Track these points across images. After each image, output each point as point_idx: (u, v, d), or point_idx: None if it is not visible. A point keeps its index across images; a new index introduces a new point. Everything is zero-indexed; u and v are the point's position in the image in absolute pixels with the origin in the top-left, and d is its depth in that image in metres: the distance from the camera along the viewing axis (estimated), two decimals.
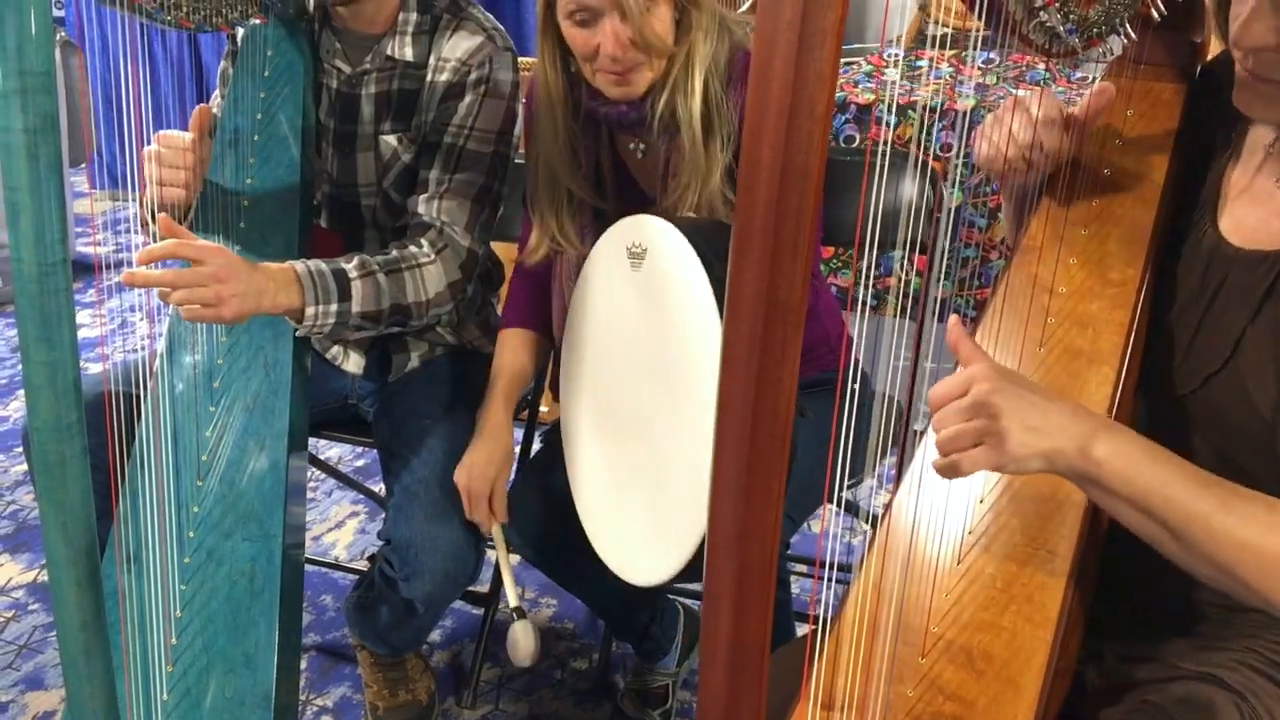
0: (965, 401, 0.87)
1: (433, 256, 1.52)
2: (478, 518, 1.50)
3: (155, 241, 1.28)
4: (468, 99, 1.54)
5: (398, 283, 1.49)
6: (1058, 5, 1.01)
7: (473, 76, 1.54)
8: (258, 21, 1.51)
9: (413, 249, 1.52)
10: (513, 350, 1.60)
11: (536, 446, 1.76)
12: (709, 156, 1.38)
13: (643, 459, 1.32)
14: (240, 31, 1.58)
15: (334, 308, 1.42)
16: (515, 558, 1.53)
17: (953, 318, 0.93)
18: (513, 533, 1.57)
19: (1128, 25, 1.08)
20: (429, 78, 1.55)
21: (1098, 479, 0.86)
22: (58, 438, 0.90)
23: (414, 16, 1.56)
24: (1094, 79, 1.24)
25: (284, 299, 1.38)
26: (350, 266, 1.45)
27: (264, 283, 1.35)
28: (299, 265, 1.41)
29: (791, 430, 0.62)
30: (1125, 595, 1.09)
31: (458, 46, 1.55)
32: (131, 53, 1.19)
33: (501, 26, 1.60)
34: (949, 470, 0.88)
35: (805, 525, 2.11)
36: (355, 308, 1.44)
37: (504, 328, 1.63)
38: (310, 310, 1.40)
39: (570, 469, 1.47)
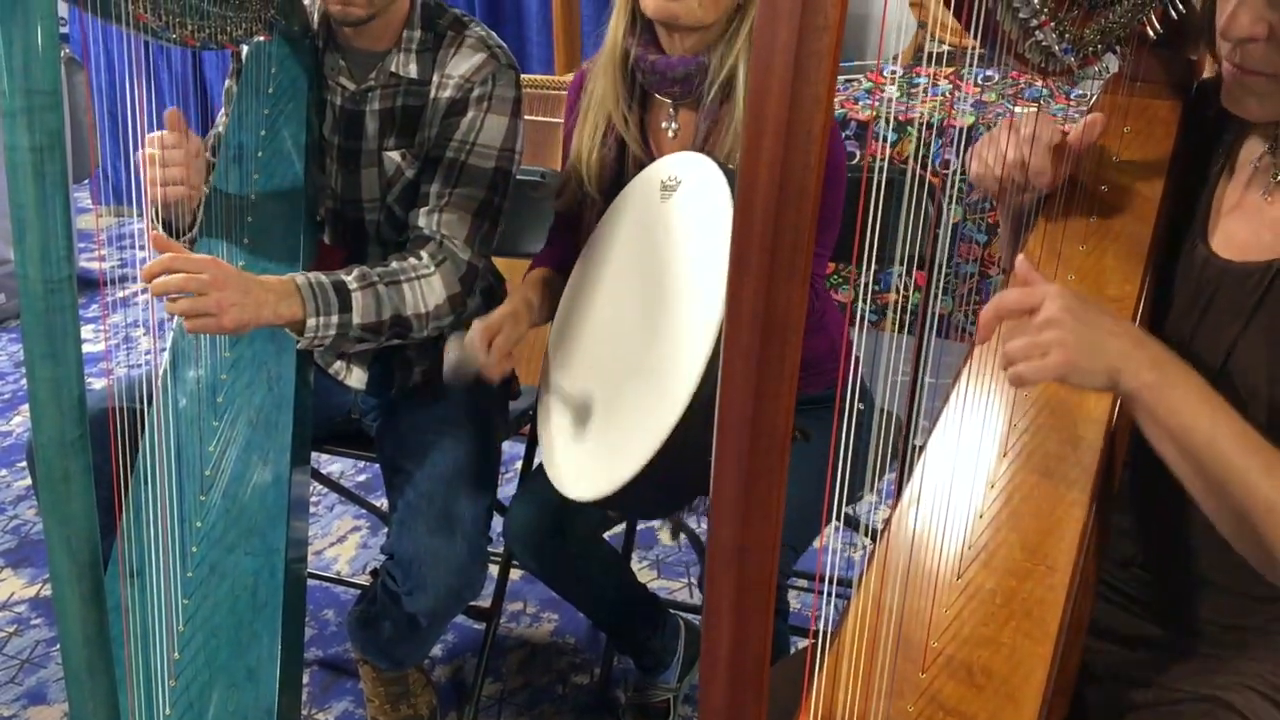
0: (1039, 317, 0.88)
1: (432, 268, 1.53)
2: (480, 354, 1.42)
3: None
4: (470, 115, 1.55)
5: (398, 294, 1.49)
6: (1053, 25, 1.02)
7: (475, 93, 1.55)
8: (262, 39, 1.52)
9: (412, 261, 1.52)
10: (537, 273, 1.60)
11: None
12: None
13: (609, 382, 1.33)
14: (245, 49, 1.60)
15: (335, 319, 1.43)
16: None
17: (1020, 258, 0.94)
18: (513, 542, 1.57)
19: (1123, 43, 1.09)
20: (432, 94, 1.56)
21: (1148, 405, 0.88)
22: (62, 453, 0.91)
23: (418, 33, 1.57)
24: (1092, 96, 1.25)
25: (285, 310, 1.38)
26: (350, 278, 1.46)
27: (264, 294, 1.36)
28: (299, 277, 1.42)
29: (790, 447, 0.62)
30: (1125, 612, 1.10)
31: (461, 64, 1.56)
32: (136, 70, 1.20)
33: (504, 44, 1.62)
34: (1017, 380, 0.90)
35: None
36: (356, 319, 1.45)
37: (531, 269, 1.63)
38: (312, 322, 1.41)
39: (544, 383, 1.48)
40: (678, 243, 1.28)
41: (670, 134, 1.52)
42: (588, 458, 1.32)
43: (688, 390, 1.13)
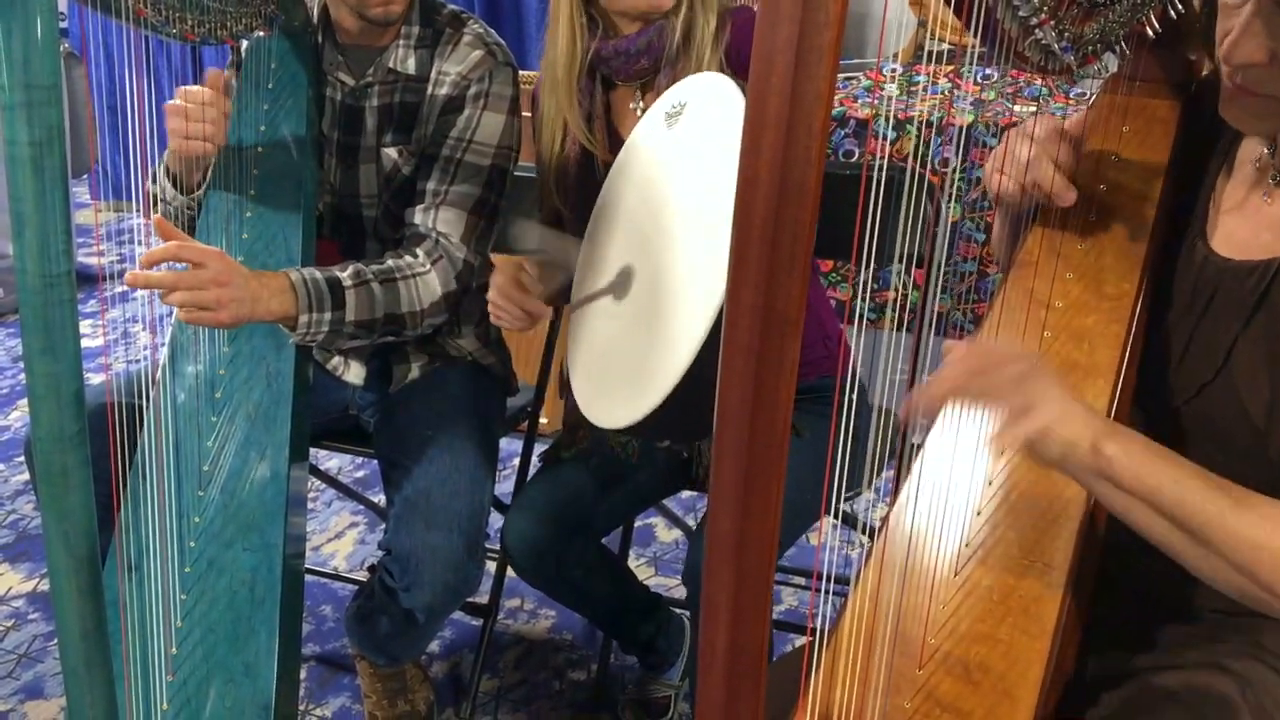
0: (1017, 369, 0.87)
1: (428, 267, 1.52)
2: (528, 306, 1.44)
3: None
4: (466, 112, 1.55)
5: (392, 292, 1.49)
6: (1053, 23, 1.02)
7: (472, 90, 1.55)
8: (262, 34, 1.52)
9: (408, 259, 1.52)
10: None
11: (534, 465, 1.76)
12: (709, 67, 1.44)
13: (633, 315, 1.31)
14: (244, 44, 1.60)
15: (327, 316, 1.43)
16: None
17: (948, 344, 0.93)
18: (512, 556, 1.57)
19: (1123, 43, 1.09)
20: (429, 91, 1.56)
21: (1110, 475, 0.86)
22: (60, 448, 0.91)
23: (416, 29, 1.57)
24: (1092, 95, 1.25)
25: (277, 306, 1.38)
26: (345, 275, 1.46)
27: (259, 289, 1.36)
28: (293, 273, 1.42)
29: (789, 442, 0.62)
30: (1124, 599, 1.10)
31: (458, 60, 1.56)
32: (135, 65, 1.20)
33: (502, 42, 1.62)
34: (1000, 439, 0.89)
35: (804, 538, 2.11)
36: (349, 317, 1.45)
37: None
38: (304, 318, 1.41)
39: (574, 324, 1.46)
40: (692, 161, 1.27)
41: (638, 112, 1.52)
42: (617, 388, 1.30)
43: (715, 304, 1.11)
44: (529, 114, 1.62)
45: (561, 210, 1.55)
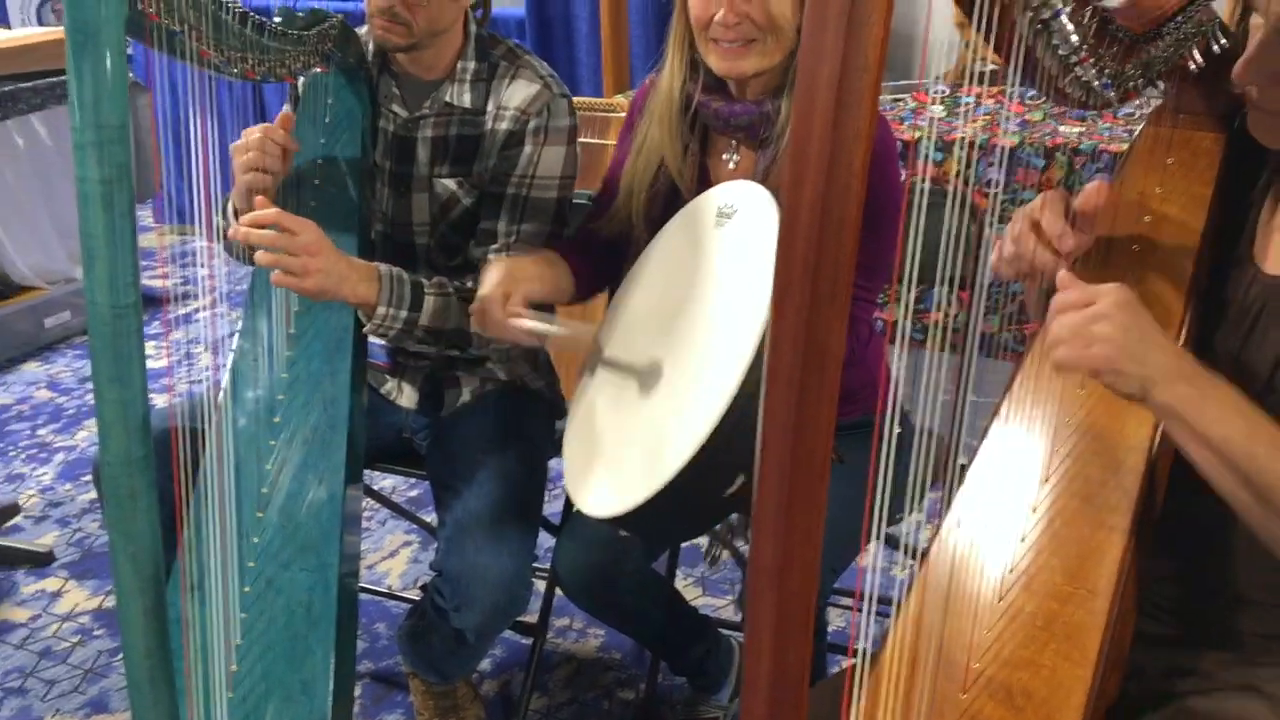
0: (1095, 308, 0.91)
1: None
2: (493, 315, 1.39)
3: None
4: (527, 149, 1.59)
5: (466, 312, 1.52)
6: (1093, 60, 1.02)
7: (531, 125, 1.58)
8: (319, 70, 1.57)
9: None
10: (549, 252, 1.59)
11: None
12: None
13: (634, 403, 1.33)
14: (302, 80, 1.64)
15: (403, 314, 1.49)
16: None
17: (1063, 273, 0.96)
18: (563, 583, 1.57)
19: (1165, 78, 1.09)
20: (489, 125, 1.60)
21: (1182, 416, 0.89)
22: (128, 472, 0.94)
23: (472, 65, 1.61)
24: (1140, 114, 1.25)
25: (364, 290, 1.45)
26: (430, 282, 1.52)
27: (349, 271, 1.43)
28: (382, 266, 1.48)
29: (829, 471, 0.64)
30: (1159, 623, 1.10)
31: (515, 94, 1.59)
32: (199, 99, 1.23)
33: (555, 73, 1.65)
34: (1058, 364, 0.93)
35: None
36: (423, 320, 1.51)
37: None
38: (381, 310, 1.47)
39: (575, 398, 1.47)
40: (723, 271, 1.29)
41: (731, 165, 1.53)
42: (603, 474, 1.33)
43: (709, 422, 1.11)
44: (582, 139, 1.64)
45: (637, 229, 1.55)
